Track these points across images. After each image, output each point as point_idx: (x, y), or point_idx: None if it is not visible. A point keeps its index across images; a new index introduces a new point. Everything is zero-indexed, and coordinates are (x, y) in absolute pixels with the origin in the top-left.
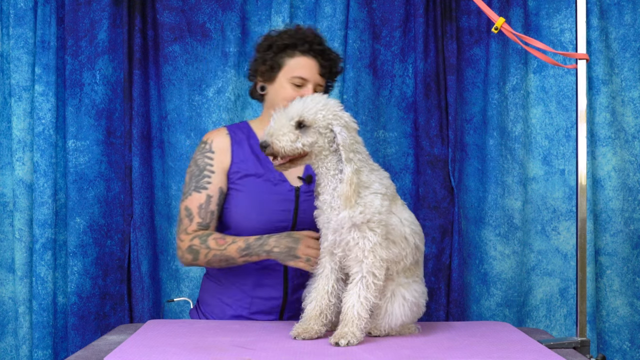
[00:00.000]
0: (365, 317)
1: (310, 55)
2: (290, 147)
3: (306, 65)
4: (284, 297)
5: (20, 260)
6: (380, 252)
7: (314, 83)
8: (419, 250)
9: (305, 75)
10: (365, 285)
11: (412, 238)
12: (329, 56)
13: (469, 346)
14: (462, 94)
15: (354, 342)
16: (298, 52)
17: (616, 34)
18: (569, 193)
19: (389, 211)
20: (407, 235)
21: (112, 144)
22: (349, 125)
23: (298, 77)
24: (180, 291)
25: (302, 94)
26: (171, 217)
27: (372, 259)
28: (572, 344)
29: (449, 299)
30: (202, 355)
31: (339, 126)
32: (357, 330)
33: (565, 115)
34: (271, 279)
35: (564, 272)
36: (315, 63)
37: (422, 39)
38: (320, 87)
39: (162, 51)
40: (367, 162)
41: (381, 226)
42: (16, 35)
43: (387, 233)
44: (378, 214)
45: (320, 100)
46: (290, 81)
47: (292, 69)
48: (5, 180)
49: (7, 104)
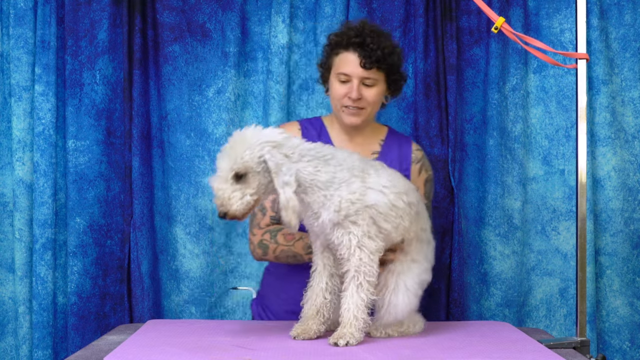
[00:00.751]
0: (363, 317)
1: (350, 50)
2: (243, 206)
3: (347, 61)
4: None
5: (20, 260)
6: (369, 244)
7: (357, 77)
8: (414, 207)
9: (346, 70)
10: (357, 285)
11: (400, 202)
12: (369, 46)
13: (469, 346)
14: (462, 94)
15: (352, 343)
16: (342, 48)
17: (616, 34)
18: (569, 193)
19: (363, 192)
20: (394, 202)
21: (112, 144)
22: (277, 142)
23: (342, 73)
24: (180, 291)
25: (347, 90)
26: (171, 217)
27: (360, 254)
28: (572, 344)
29: (449, 299)
30: (202, 355)
31: (268, 154)
32: (355, 331)
33: (565, 115)
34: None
35: (564, 272)
36: (355, 56)
37: (422, 39)
38: (369, 80)
39: (162, 51)
40: (317, 157)
41: (362, 214)
42: (16, 35)
43: (372, 216)
44: (352, 204)
45: (237, 140)
46: (337, 78)
47: (337, 67)
48: (5, 180)
49: (7, 104)
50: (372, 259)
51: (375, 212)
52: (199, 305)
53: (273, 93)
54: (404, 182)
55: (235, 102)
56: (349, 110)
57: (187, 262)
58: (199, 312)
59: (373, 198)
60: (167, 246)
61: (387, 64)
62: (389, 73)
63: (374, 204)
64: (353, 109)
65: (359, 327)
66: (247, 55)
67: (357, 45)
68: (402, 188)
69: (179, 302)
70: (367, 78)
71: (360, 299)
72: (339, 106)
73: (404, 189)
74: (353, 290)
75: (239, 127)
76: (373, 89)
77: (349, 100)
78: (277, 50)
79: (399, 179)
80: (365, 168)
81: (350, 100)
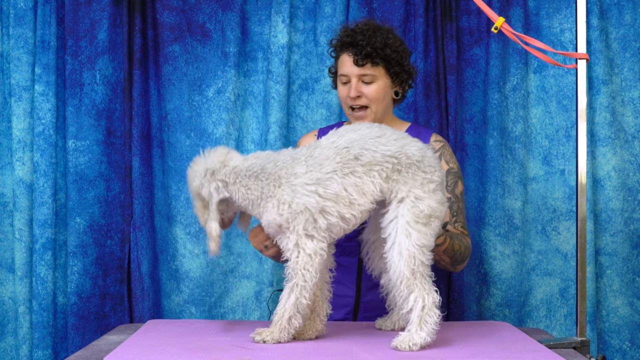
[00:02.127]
0: (292, 319)
1: (344, 51)
2: (215, 229)
3: (344, 62)
4: (357, 296)
5: (20, 260)
6: (308, 244)
7: (355, 75)
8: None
9: (344, 71)
10: (290, 287)
11: (337, 187)
12: (359, 43)
13: (469, 346)
14: (462, 94)
15: (268, 341)
16: (339, 52)
17: (616, 34)
18: (569, 193)
19: (290, 201)
20: (329, 193)
21: (112, 144)
22: (213, 170)
23: (341, 75)
24: (180, 291)
25: (349, 90)
26: (171, 217)
27: (298, 256)
28: (572, 344)
29: (449, 299)
30: (202, 355)
31: (207, 183)
32: (277, 331)
33: (565, 115)
34: (346, 275)
35: (564, 272)
36: (349, 56)
37: (422, 39)
38: (366, 77)
39: (162, 51)
40: (248, 175)
41: (293, 221)
42: (16, 35)
43: (307, 218)
44: (280, 216)
45: (191, 170)
46: (340, 81)
47: (338, 70)
48: (5, 180)
49: (7, 104)
50: (311, 261)
51: (309, 214)
52: (199, 305)
53: (273, 93)
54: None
55: (235, 102)
56: (354, 111)
57: (187, 262)
58: (199, 312)
59: (301, 203)
60: (167, 246)
61: (380, 58)
62: (388, 67)
63: (304, 210)
64: (358, 109)
65: (283, 327)
66: (247, 55)
67: (348, 44)
68: (333, 170)
69: (179, 302)
70: (364, 75)
71: (291, 301)
72: (345, 108)
73: (338, 170)
74: (286, 291)
75: (238, 127)
76: (373, 85)
77: (351, 100)
78: (277, 50)
79: (335, 155)
80: (293, 166)
81: (350, 99)
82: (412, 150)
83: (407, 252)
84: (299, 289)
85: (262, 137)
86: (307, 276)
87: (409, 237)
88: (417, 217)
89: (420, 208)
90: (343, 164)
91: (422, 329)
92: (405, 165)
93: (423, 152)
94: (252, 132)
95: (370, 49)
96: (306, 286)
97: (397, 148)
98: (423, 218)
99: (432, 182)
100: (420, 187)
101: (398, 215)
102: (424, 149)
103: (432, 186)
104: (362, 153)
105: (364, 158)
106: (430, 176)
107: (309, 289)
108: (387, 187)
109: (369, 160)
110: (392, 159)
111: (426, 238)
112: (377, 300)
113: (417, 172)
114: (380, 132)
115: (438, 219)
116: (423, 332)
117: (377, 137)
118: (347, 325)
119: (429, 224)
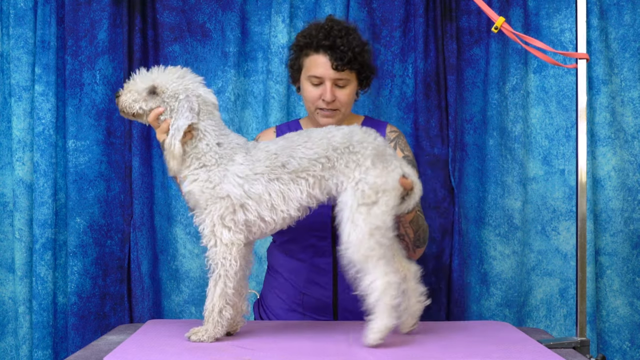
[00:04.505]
0: (220, 314)
1: (320, 52)
2: (130, 105)
3: (318, 63)
4: (334, 296)
5: (20, 260)
6: (225, 234)
7: (330, 79)
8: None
9: (318, 73)
10: (215, 279)
11: (261, 189)
12: (340, 48)
13: (469, 346)
14: (462, 94)
15: (205, 340)
16: (311, 51)
17: (616, 34)
18: (569, 193)
19: (218, 182)
20: (253, 192)
21: (112, 144)
22: (205, 100)
23: (313, 76)
24: (180, 291)
25: (320, 93)
26: (171, 217)
27: (215, 245)
28: (572, 344)
29: (449, 298)
30: (202, 355)
31: (190, 96)
32: (211, 327)
33: (565, 115)
34: (321, 277)
35: (564, 272)
36: (326, 59)
37: (422, 39)
38: (341, 81)
39: (162, 51)
40: (219, 131)
41: (212, 205)
42: (16, 35)
43: (227, 207)
44: (202, 192)
45: (179, 72)
46: (309, 81)
47: (308, 69)
48: (5, 180)
49: (7, 104)
50: (228, 250)
51: (230, 203)
52: (199, 305)
53: (273, 93)
54: (283, 159)
55: (235, 102)
56: (323, 112)
57: (187, 262)
58: (199, 312)
59: (225, 190)
60: (167, 246)
61: (358, 64)
62: (360, 71)
63: (225, 197)
64: (327, 111)
65: (216, 322)
66: (247, 55)
67: (327, 47)
68: (271, 170)
69: (179, 302)
70: (339, 79)
71: (217, 293)
72: (312, 108)
73: (265, 173)
74: (211, 284)
75: (238, 126)
76: (346, 89)
77: (323, 103)
78: (277, 50)
79: (265, 159)
80: (237, 153)
81: (324, 102)
82: (337, 140)
83: (355, 240)
84: (222, 280)
85: None
86: (227, 265)
87: (354, 225)
88: (361, 199)
89: (362, 189)
90: (271, 169)
91: (382, 315)
92: (335, 158)
93: (349, 135)
94: (252, 132)
95: (351, 55)
96: (228, 275)
97: (323, 147)
98: (368, 198)
99: (367, 158)
100: (357, 169)
101: (343, 205)
102: (350, 132)
103: (368, 162)
104: (289, 161)
105: (290, 166)
106: (362, 153)
107: (232, 277)
108: (324, 186)
109: (294, 167)
110: (321, 160)
111: (377, 217)
112: (355, 299)
113: (349, 156)
114: (307, 137)
115: (387, 192)
116: (382, 320)
117: (304, 142)
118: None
119: (378, 202)
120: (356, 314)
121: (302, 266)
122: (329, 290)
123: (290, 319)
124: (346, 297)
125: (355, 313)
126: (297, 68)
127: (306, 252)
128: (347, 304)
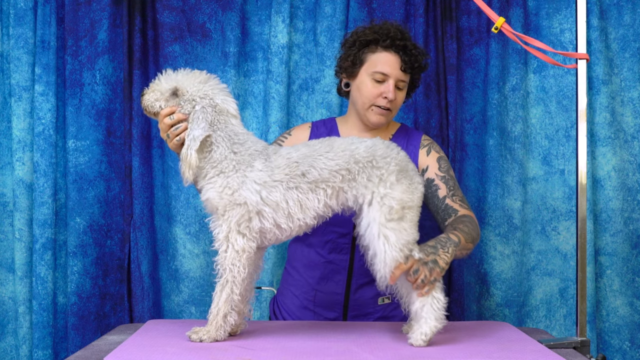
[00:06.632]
0: (224, 318)
1: (392, 51)
2: (151, 104)
3: (387, 61)
4: (346, 294)
5: (20, 260)
6: (238, 240)
7: (395, 78)
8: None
9: (386, 70)
10: (222, 284)
11: (278, 197)
12: (411, 52)
13: (469, 346)
14: (462, 94)
15: (205, 340)
16: (380, 47)
17: (616, 34)
18: (568, 193)
19: (236, 188)
20: (271, 199)
21: (112, 144)
22: (222, 109)
23: (379, 72)
24: (180, 291)
25: (382, 90)
26: (171, 217)
27: (227, 251)
28: (572, 344)
29: (449, 298)
30: (202, 355)
31: (205, 105)
32: (214, 330)
33: (565, 115)
34: (336, 274)
35: (564, 272)
36: (397, 58)
37: (422, 39)
38: (402, 83)
39: (162, 51)
40: (233, 139)
41: (230, 210)
42: (16, 35)
43: (244, 214)
44: (220, 199)
45: (203, 77)
46: (371, 76)
47: (374, 64)
48: (5, 180)
49: (7, 104)
50: (238, 257)
51: (246, 210)
52: (199, 305)
53: (273, 93)
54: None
55: None
56: (379, 110)
57: (187, 262)
58: (199, 312)
59: (243, 196)
60: (167, 246)
61: (419, 72)
62: (414, 80)
63: (243, 204)
64: (383, 109)
65: (219, 325)
66: (247, 55)
67: (400, 47)
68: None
69: (179, 302)
70: (402, 81)
71: (223, 298)
72: (367, 105)
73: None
74: (218, 289)
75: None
76: (402, 92)
77: (384, 100)
78: (277, 50)
79: (285, 167)
80: (255, 159)
81: (384, 100)
82: (360, 153)
83: (390, 258)
84: (229, 286)
85: (262, 137)
86: (235, 272)
87: (387, 241)
88: (388, 216)
89: (389, 204)
90: (290, 177)
91: (429, 318)
92: (357, 171)
93: (372, 149)
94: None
95: (420, 59)
96: (236, 281)
97: (345, 159)
98: (395, 214)
99: (391, 174)
100: (382, 184)
101: (370, 220)
102: (373, 145)
103: (392, 178)
104: (310, 170)
105: (311, 175)
106: (386, 168)
107: (239, 284)
108: (342, 197)
109: (315, 178)
110: (342, 172)
111: (406, 233)
112: (366, 299)
113: (372, 171)
114: (329, 147)
115: (412, 209)
116: (431, 321)
117: (326, 152)
118: (346, 325)
119: (405, 217)
120: (365, 315)
121: (319, 262)
122: (341, 288)
123: (301, 316)
124: (359, 296)
125: (364, 313)
126: (358, 62)
127: (324, 248)
128: (358, 303)
